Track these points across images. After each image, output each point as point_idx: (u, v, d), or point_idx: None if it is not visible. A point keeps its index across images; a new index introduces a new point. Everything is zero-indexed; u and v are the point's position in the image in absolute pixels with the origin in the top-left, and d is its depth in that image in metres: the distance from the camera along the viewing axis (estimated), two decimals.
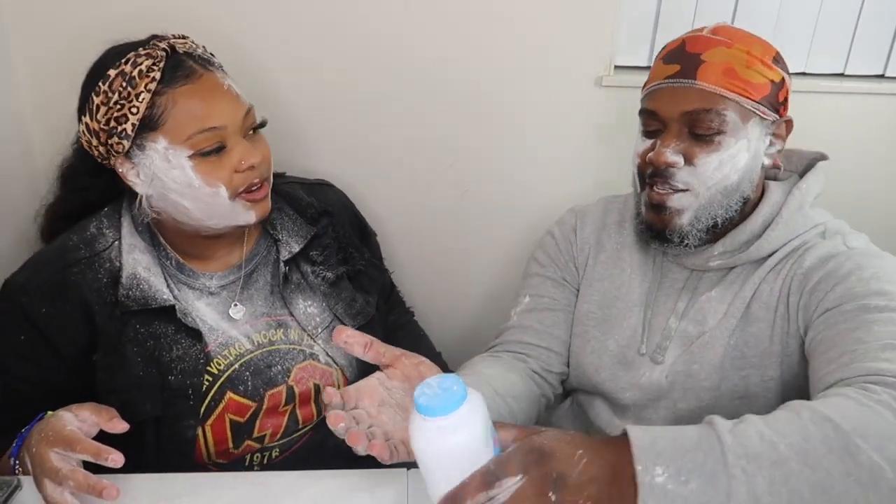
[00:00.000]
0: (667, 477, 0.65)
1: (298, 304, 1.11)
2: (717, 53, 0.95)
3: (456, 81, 1.36)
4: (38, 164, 1.38)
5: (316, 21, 1.31)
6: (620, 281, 1.11)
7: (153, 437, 1.00)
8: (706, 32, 0.99)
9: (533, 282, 1.18)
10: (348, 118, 1.39)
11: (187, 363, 1.01)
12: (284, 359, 1.08)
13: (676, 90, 0.96)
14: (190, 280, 1.07)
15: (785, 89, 0.99)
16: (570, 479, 0.65)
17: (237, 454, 1.07)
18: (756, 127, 0.97)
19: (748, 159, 0.97)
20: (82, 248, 1.01)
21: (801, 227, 1.00)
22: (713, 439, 0.67)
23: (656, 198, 1.00)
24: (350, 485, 0.89)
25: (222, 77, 0.99)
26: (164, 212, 1.02)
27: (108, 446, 0.78)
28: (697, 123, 0.95)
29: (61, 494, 0.77)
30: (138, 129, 0.96)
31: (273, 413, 1.07)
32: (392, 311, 1.32)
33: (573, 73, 1.36)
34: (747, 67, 0.95)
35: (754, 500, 0.65)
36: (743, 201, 1.00)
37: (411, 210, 1.48)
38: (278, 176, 1.21)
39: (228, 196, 0.98)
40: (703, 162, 0.96)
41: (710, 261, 1.03)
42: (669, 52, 1.00)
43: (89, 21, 1.26)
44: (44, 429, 0.81)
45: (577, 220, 1.18)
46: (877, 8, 1.37)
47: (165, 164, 0.96)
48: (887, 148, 1.47)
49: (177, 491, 0.86)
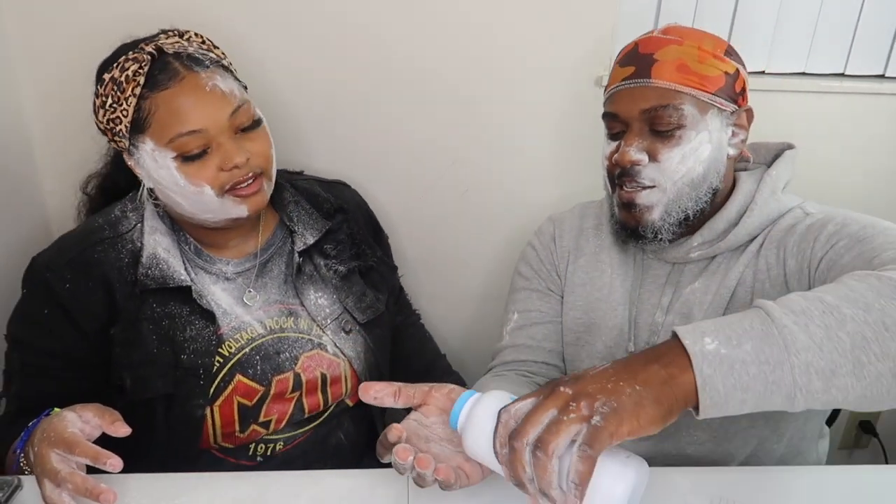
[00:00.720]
0: (717, 344, 0.64)
1: (310, 295, 1.14)
2: (669, 51, 0.98)
3: (455, 81, 1.36)
4: (39, 165, 1.38)
5: (315, 22, 1.31)
6: (601, 283, 1.12)
7: (163, 415, 1.03)
8: (657, 33, 1.02)
9: (519, 297, 1.18)
10: (346, 119, 1.39)
11: (200, 343, 1.04)
12: (293, 346, 1.11)
13: (634, 90, 0.99)
14: (207, 265, 1.10)
15: (741, 79, 1.01)
16: (588, 373, 0.66)
17: (243, 439, 1.09)
18: (715, 118, 0.99)
19: (711, 150, 0.99)
20: (106, 229, 1.05)
21: (776, 211, 1.02)
22: (756, 310, 0.67)
23: (626, 196, 1.02)
24: (350, 485, 0.89)
25: (208, 77, 0.99)
26: (165, 204, 1.07)
27: (109, 451, 0.78)
28: (657, 120, 0.97)
29: (59, 496, 0.77)
30: (130, 131, 1.00)
31: (280, 399, 1.10)
32: (399, 312, 1.34)
33: (573, 73, 1.36)
34: (700, 62, 0.97)
35: (817, 347, 0.64)
36: (712, 192, 1.01)
37: (410, 210, 1.48)
38: (297, 173, 1.25)
39: (215, 194, 1.00)
40: (667, 157, 0.98)
41: (691, 252, 1.04)
42: (624, 55, 1.03)
43: (90, 20, 1.27)
44: (46, 428, 0.81)
45: (555, 228, 1.19)
46: (877, 8, 1.37)
47: (154, 164, 1.00)
48: (887, 148, 1.47)
49: (177, 491, 0.87)
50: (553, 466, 0.62)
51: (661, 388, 0.63)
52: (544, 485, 0.63)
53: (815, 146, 1.45)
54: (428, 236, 1.51)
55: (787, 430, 1.03)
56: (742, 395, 0.64)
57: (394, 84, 1.36)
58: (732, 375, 0.64)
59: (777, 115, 1.39)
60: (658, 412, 0.63)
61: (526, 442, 0.64)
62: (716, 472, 0.95)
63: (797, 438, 1.05)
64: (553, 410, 0.64)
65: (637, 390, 0.63)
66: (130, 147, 1.01)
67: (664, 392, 0.63)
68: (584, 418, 0.62)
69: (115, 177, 1.13)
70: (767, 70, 1.42)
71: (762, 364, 0.64)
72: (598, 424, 0.61)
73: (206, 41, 1.06)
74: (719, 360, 0.63)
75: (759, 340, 0.64)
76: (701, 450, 1.03)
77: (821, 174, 1.45)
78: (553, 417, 0.63)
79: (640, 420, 0.62)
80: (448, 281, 1.56)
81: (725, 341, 0.64)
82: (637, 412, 0.62)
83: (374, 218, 1.30)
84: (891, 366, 0.65)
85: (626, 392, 0.63)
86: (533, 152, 1.43)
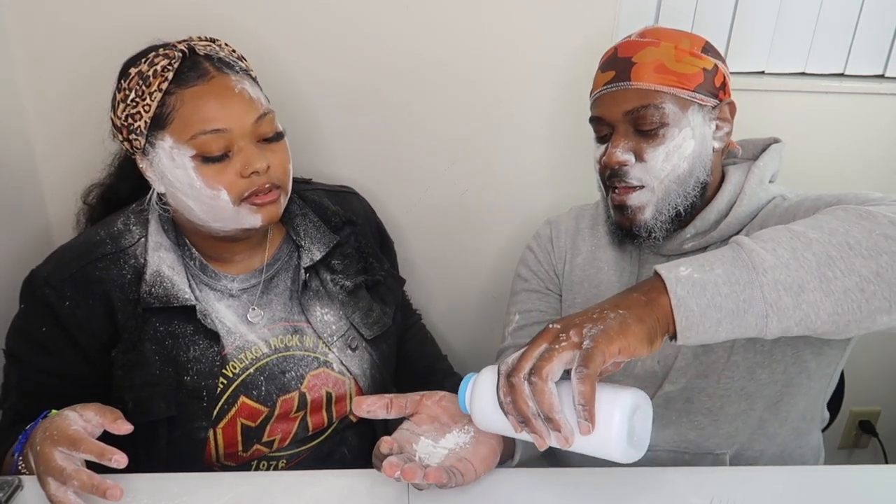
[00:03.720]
0: (690, 270, 0.70)
1: (315, 312, 1.11)
2: (647, 54, 1.00)
3: (455, 81, 1.36)
4: (39, 164, 1.38)
5: (315, 22, 1.31)
6: (598, 280, 1.13)
7: (165, 437, 1.01)
8: (634, 36, 1.04)
9: (519, 298, 1.20)
10: (346, 118, 1.39)
11: (203, 364, 1.02)
12: (299, 365, 1.09)
13: (616, 94, 1.02)
14: (212, 281, 1.07)
15: (720, 74, 1.03)
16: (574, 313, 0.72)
17: (246, 457, 1.07)
18: (697, 114, 1.01)
19: (695, 146, 1.01)
20: (109, 243, 1.02)
21: (765, 199, 1.03)
22: (730, 244, 0.74)
23: (617, 199, 1.04)
24: (350, 485, 0.89)
25: (237, 80, 0.98)
26: (175, 210, 1.04)
27: (114, 447, 0.78)
28: (640, 120, 1.00)
29: (65, 494, 0.77)
30: (150, 127, 0.97)
31: (284, 419, 1.08)
32: (401, 315, 1.32)
33: (573, 72, 1.36)
34: (677, 61, 1.00)
35: (784, 266, 0.69)
36: (701, 186, 1.03)
37: (411, 210, 1.48)
38: (304, 182, 1.21)
39: (231, 200, 0.97)
40: (652, 156, 1.00)
41: (685, 244, 1.06)
42: (605, 60, 1.06)
43: (95, 29, 1.27)
44: (48, 427, 0.81)
45: (551, 230, 1.21)
46: (877, 8, 1.37)
47: (171, 163, 0.97)
48: (887, 148, 1.47)
49: (177, 491, 0.86)
50: (551, 388, 0.67)
51: (643, 308, 0.70)
52: (546, 409, 0.68)
53: (815, 146, 1.45)
54: (428, 236, 1.51)
55: (788, 413, 1.03)
56: (716, 314, 0.70)
57: (393, 84, 1.36)
58: (705, 296, 0.70)
59: (777, 115, 1.39)
60: (642, 330, 0.69)
61: (523, 376, 0.68)
62: (716, 472, 0.95)
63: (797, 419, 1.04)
64: (544, 345, 0.69)
65: (620, 313, 0.69)
66: (146, 146, 0.98)
67: (645, 312, 0.70)
68: (575, 345, 0.68)
69: (117, 187, 1.11)
70: (767, 70, 1.42)
71: (733, 284, 0.70)
72: (589, 346, 0.67)
73: (236, 51, 1.05)
74: (692, 283, 0.70)
75: (730, 264, 0.70)
76: (703, 434, 1.04)
77: (821, 174, 1.45)
78: (545, 349, 0.69)
79: (627, 338, 0.68)
80: (449, 280, 1.56)
81: (699, 268, 0.71)
82: (623, 330, 0.68)
83: (381, 227, 1.28)
84: (857, 280, 0.70)
85: (611, 316, 0.69)
86: (533, 152, 1.43)
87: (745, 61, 1.41)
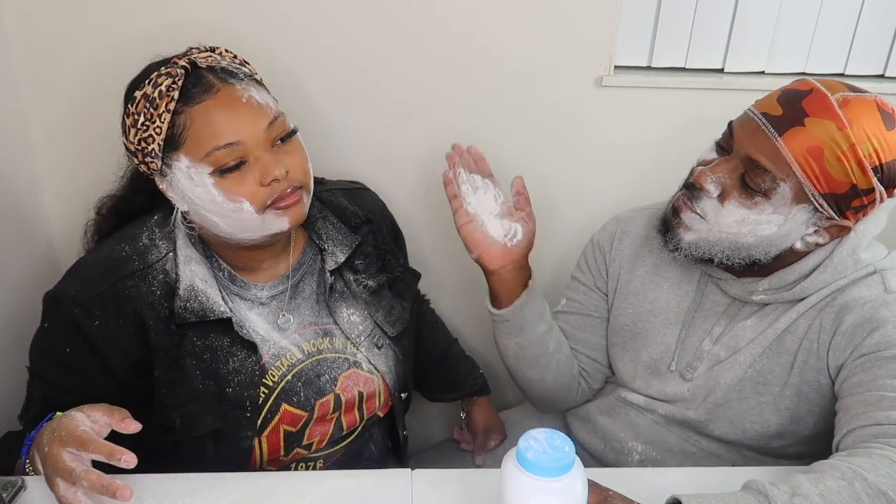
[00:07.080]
0: None
1: (342, 313, 1.12)
2: (820, 128, 0.89)
3: (454, 81, 1.36)
4: (39, 164, 1.38)
5: (316, 23, 1.31)
6: (655, 296, 1.13)
7: (212, 450, 1.01)
8: (838, 97, 0.90)
9: (573, 284, 1.24)
10: (346, 118, 1.38)
11: (244, 375, 1.01)
12: (331, 367, 1.09)
13: (760, 132, 0.93)
14: (242, 291, 1.07)
15: (870, 199, 0.92)
16: None
17: (286, 461, 1.09)
18: (803, 213, 0.93)
19: (774, 233, 0.95)
20: (136, 260, 0.99)
21: (851, 270, 0.97)
22: (755, 492, 0.75)
23: (678, 204, 1.02)
24: (353, 485, 0.89)
25: (243, 89, 0.97)
26: (200, 227, 1.02)
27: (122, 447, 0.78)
28: (751, 174, 0.93)
29: (74, 494, 0.77)
30: (164, 149, 0.96)
31: (321, 421, 1.09)
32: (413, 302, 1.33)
33: (573, 73, 1.36)
34: (837, 160, 0.89)
35: None
36: (751, 261, 0.99)
37: (415, 205, 1.47)
38: (319, 182, 1.19)
39: (255, 210, 0.96)
40: (731, 210, 0.95)
41: (754, 294, 1.03)
42: (791, 90, 0.94)
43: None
44: (56, 428, 0.81)
45: (617, 229, 1.19)
46: (877, 8, 1.37)
47: (190, 182, 0.96)
48: None
49: (181, 491, 0.87)
50: None
51: None
52: None
53: None
54: (430, 231, 1.50)
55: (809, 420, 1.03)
56: None
57: (392, 84, 1.36)
58: None
59: None
60: None
61: None
62: (716, 472, 0.95)
63: None
64: None
65: None
66: (163, 167, 0.97)
67: None
68: None
69: (131, 199, 1.09)
70: (767, 70, 1.42)
71: None
72: None
73: (237, 56, 1.03)
74: None
75: None
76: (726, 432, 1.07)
77: None
78: None
79: None
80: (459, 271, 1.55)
81: None
82: None
83: (393, 222, 1.27)
84: None
85: None
86: (533, 152, 1.43)
87: (745, 61, 1.41)
